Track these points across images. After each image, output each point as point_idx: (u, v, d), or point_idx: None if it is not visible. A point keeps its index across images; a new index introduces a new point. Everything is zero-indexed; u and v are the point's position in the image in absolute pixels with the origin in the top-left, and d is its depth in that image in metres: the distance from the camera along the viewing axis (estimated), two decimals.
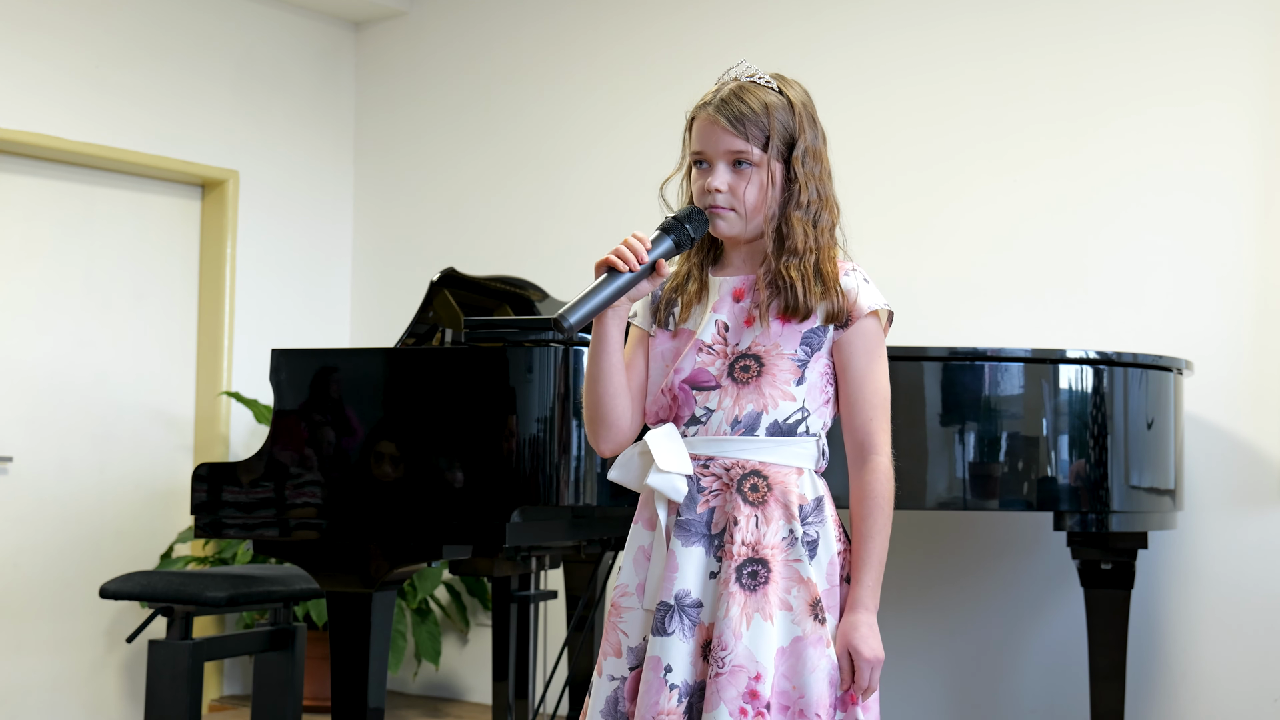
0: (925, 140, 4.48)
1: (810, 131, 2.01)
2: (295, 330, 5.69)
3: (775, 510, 1.95)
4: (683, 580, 1.95)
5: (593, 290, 1.93)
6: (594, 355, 2.01)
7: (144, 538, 5.29)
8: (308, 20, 5.85)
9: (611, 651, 2.01)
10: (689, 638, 1.94)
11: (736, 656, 1.89)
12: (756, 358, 1.97)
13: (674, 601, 1.94)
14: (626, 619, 2.01)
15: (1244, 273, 3.90)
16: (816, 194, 2.00)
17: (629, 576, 2.03)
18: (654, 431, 1.99)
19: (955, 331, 4.32)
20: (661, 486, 1.96)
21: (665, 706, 1.91)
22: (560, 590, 4.73)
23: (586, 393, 2.04)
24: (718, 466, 1.98)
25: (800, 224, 1.98)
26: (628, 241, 1.94)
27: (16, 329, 5.01)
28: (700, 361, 2.00)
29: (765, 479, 1.96)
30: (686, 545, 1.96)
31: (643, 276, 1.95)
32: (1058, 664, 4.13)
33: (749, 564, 1.93)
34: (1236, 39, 3.94)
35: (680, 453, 1.97)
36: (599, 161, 5.24)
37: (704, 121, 2.00)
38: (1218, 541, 3.91)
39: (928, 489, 3.25)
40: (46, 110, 5.01)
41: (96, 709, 5.17)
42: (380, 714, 3.14)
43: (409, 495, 3.02)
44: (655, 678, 1.92)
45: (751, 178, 1.98)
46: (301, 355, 3.16)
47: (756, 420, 1.96)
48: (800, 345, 1.97)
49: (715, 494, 1.98)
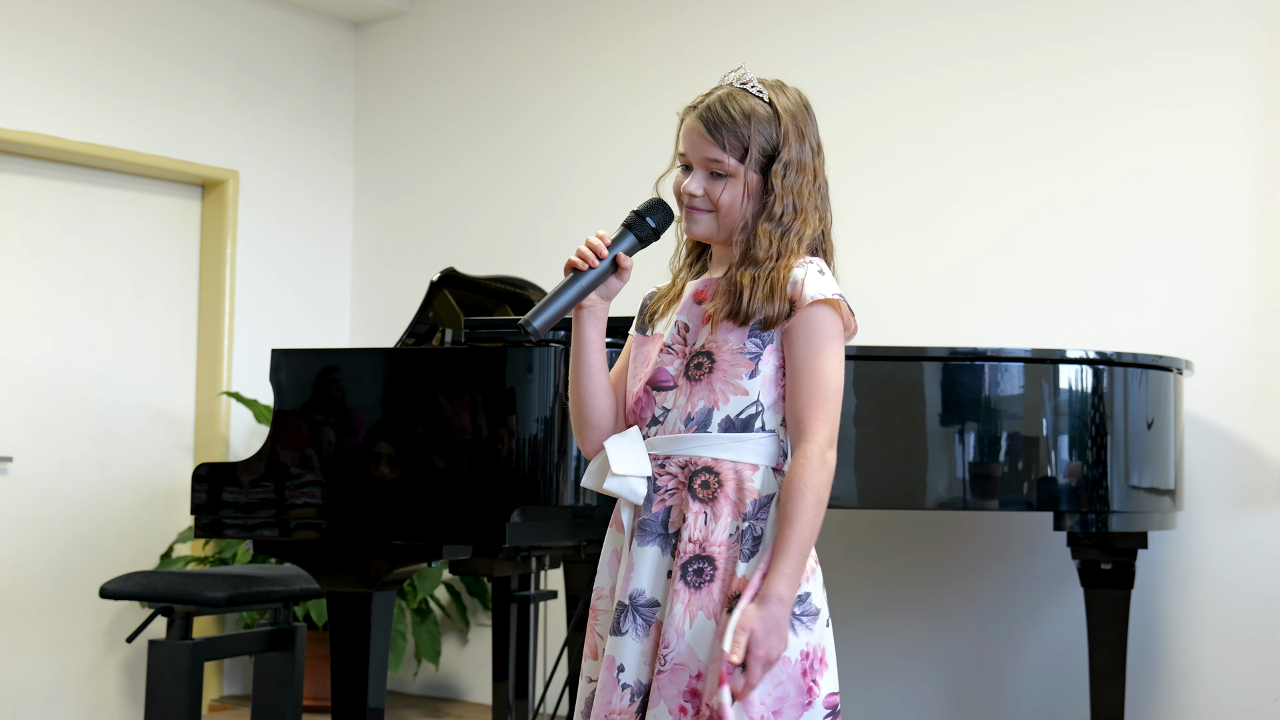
0: (925, 140, 4.48)
1: (796, 144, 1.98)
2: (295, 330, 5.69)
3: (725, 507, 1.93)
4: (637, 580, 1.96)
5: (557, 292, 1.94)
6: (573, 356, 2.03)
7: (144, 538, 5.29)
8: (308, 20, 5.85)
9: (589, 653, 2.04)
10: (641, 637, 1.94)
11: (678, 655, 1.89)
12: (708, 354, 1.97)
13: (629, 601, 1.95)
14: (602, 621, 2.03)
15: (1244, 273, 3.90)
16: (792, 207, 1.97)
17: (604, 580, 2.04)
18: (614, 436, 2.00)
19: (955, 331, 4.32)
20: (618, 490, 1.97)
21: (617, 705, 1.93)
22: (560, 590, 4.73)
23: (570, 396, 2.06)
24: (673, 465, 1.98)
25: (766, 235, 1.96)
26: (588, 240, 1.95)
27: (16, 329, 5.01)
28: (661, 362, 2.01)
29: (717, 475, 1.94)
30: (642, 545, 1.97)
31: (606, 274, 1.96)
32: (1058, 664, 4.13)
33: (695, 561, 1.92)
34: (1236, 39, 3.94)
35: (639, 455, 1.98)
36: (599, 161, 5.24)
37: (687, 125, 2.01)
38: (1218, 541, 3.91)
39: (928, 489, 3.25)
40: (46, 110, 5.01)
41: (96, 709, 5.17)
42: (380, 714, 3.14)
43: (409, 495, 3.02)
44: (609, 677, 1.94)
45: (727, 185, 1.97)
46: (301, 355, 3.16)
47: (708, 416, 1.95)
48: (749, 339, 1.95)
49: (671, 493, 1.97)
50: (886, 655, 4.42)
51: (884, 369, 3.23)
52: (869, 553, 4.49)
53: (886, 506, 3.31)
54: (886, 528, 4.44)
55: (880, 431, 3.21)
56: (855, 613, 4.41)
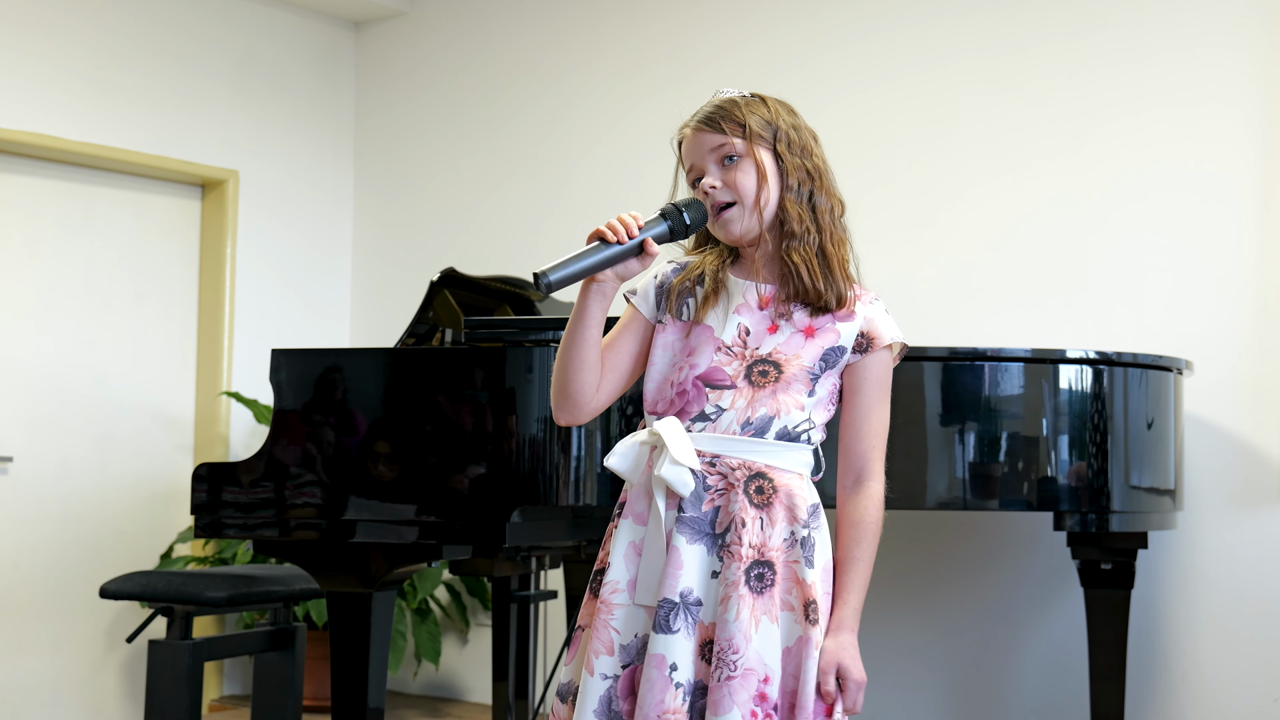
0: (925, 139, 4.48)
1: (789, 118, 2.05)
2: (295, 330, 5.69)
3: (779, 512, 1.97)
4: (686, 578, 1.95)
5: (579, 255, 1.93)
6: (570, 326, 2.02)
7: (144, 538, 5.29)
8: (308, 20, 5.85)
9: (604, 650, 1.99)
10: (692, 636, 1.94)
11: (747, 659, 1.90)
12: (776, 364, 1.99)
13: (678, 599, 1.94)
14: (618, 616, 2.00)
15: (1244, 273, 3.90)
16: (806, 174, 2.02)
17: (619, 573, 2.01)
18: (663, 423, 1.99)
19: (955, 331, 4.32)
20: (673, 480, 1.96)
21: (671, 705, 1.91)
22: (560, 590, 4.73)
23: (556, 361, 2.04)
24: (723, 465, 1.98)
25: (793, 207, 2.01)
26: (621, 217, 1.96)
27: (16, 329, 5.01)
28: (718, 360, 2.00)
29: (770, 481, 1.97)
30: (690, 543, 1.96)
31: (630, 253, 1.96)
32: (1058, 664, 4.13)
33: (756, 566, 1.94)
34: (1236, 39, 3.94)
35: (689, 447, 1.97)
36: (599, 161, 5.24)
37: (688, 138, 2.05)
38: (1218, 541, 3.91)
39: (928, 489, 3.25)
40: (46, 110, 5.01)
41: (96, 709, 5.17)
42: (380, 714, 3.14)
43: (409, 495, 3.02)
44: (660, 676, 1.92)
45: (741, 166, 2.00)
46: (301, 355, 3.16)
47: (768, 424, 1.98)
48: (819, 360, 2.00)
49: (720, 493, 1.98)
50: (887, 655, 4.42)
51: None
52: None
53: (886, 506, 3.29)
54: (886, 527, 4.42)
55: None
56: None
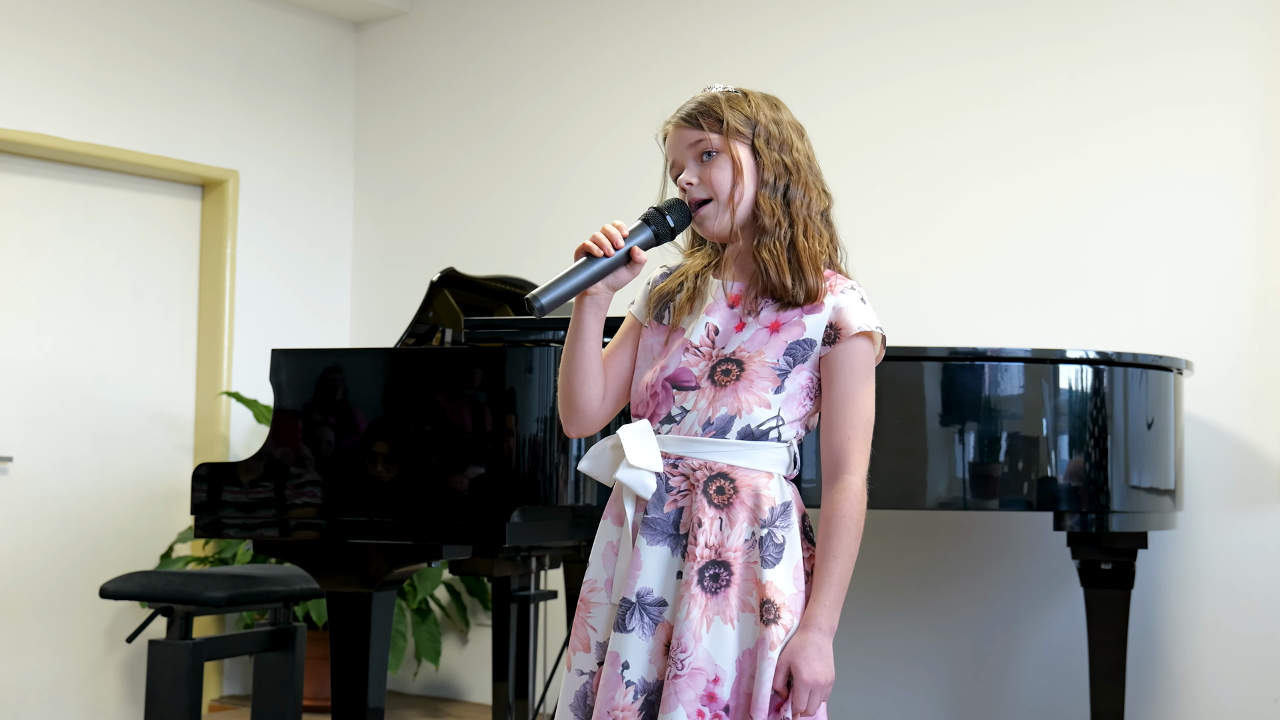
0: (925, 139, 4.48)
1: (770, 113, 2.02)
2: (295, 330, 5.69)
3: (740, 513, 1.95)
4: (645, 578, 1.96)
5: (568, 274, 1.94)
6: (569, 341, 2.03)
7: (144, 538, 5.29)
8: (308, 20, 5.85)
9: (580, 646, 2.03)
10: (648, 636, 1.95)
11: (696, 659, 1.90)
12: (738, 362, 1.97)
13: (635, 599, 1.95)
14: (595, 614, 2.02)
15: (1244, 273, 3.90)
16: (784, 169, 2.00)
17: (597, 572, 2.04)
18: (627, 426, 2.00)
19: (955, 331, 4.32)
20: (630, 481, 1.96)
21: (621, 703, 1.93)
22: (560, 590, 4.73)
23: (560, 375, 2.06)
24: (686, 466, 1.98)
25: (766, 202, 1.99)
26: (605, 229, 1.96)
27: (16, 329, 5.01)
28: (685, 361, 2.00)
29: (732, 481, 1.95)
30: (652, 544, 1.97)
31: (618, 264, 1.96)
32: (1058, 664, 4.13)
33: (711, 566, 1.93)
34: (1236, 39, 3.94)
35: (652, 449, 1.97)
36: (599, 161, 5.24)
37: (670, 134, 2.05)
38: (1218, 541, 3.91)
39: (928, 489, 3.25)
40: (46, 110, 5.01)
41: (96, 709, 5.17)
42: (380, 714, 3.14)
43: (409, 495, 3.02)
44: (613, 674, 1.94)
45: (718, 163, 1.99)
46: (301, 355, 3.16)
47: (729, 424, 1.96)
48: (783, 355, 1.97)
49: (683, 494, 1.98)
50: (886, 655, 4.42)
51: (884, 369, 3.18)
52: (869, 553, 4.48)
53: (886, 507, 3.30)
54: (886, 528, 4.44)
55: (880, 431, 3.20)
56: (855, 612, 4.41)
